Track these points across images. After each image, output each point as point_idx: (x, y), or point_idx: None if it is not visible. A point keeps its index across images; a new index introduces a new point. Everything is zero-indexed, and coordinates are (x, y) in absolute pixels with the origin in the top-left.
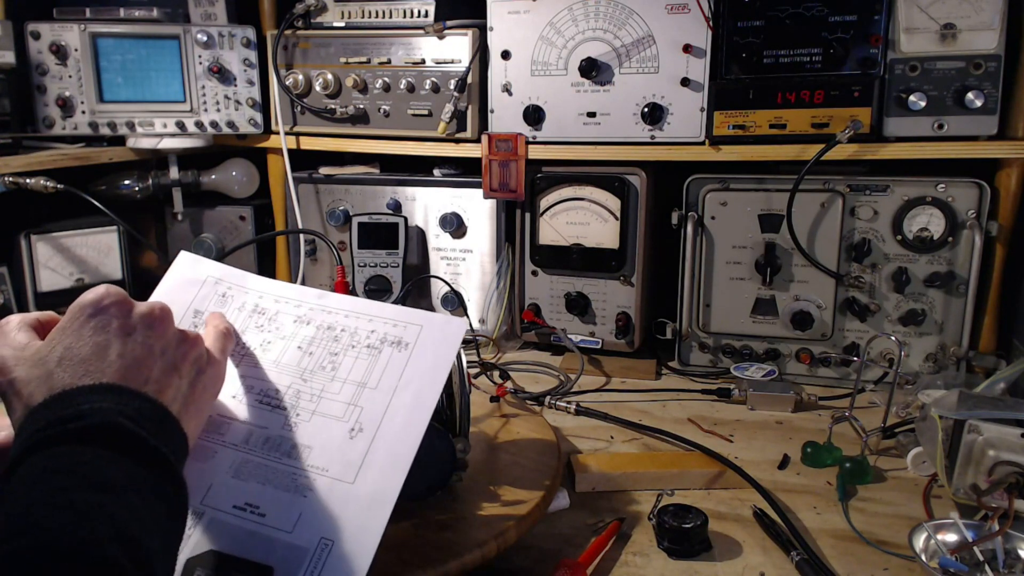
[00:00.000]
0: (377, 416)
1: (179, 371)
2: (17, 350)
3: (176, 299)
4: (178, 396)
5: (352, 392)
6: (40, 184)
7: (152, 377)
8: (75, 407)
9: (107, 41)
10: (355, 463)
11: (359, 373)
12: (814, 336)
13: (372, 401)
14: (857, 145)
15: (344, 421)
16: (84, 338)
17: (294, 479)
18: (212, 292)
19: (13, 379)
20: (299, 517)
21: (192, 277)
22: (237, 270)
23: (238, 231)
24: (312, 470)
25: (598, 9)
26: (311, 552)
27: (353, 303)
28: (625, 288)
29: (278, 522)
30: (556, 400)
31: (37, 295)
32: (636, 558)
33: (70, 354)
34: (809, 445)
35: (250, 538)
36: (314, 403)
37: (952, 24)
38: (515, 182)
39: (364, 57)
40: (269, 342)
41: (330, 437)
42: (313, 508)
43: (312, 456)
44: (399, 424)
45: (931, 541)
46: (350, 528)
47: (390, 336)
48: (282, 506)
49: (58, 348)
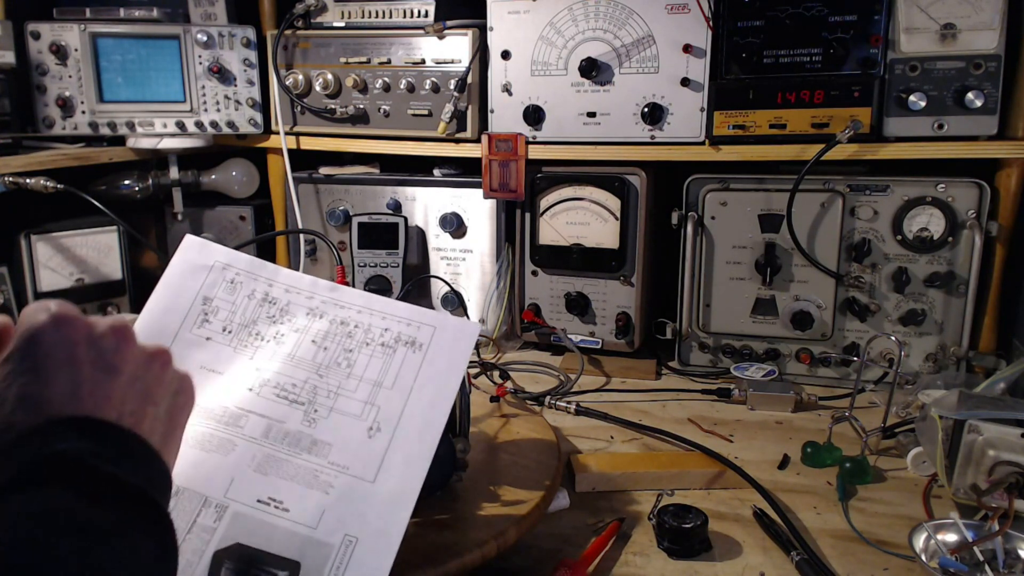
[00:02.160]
0: (394, 416)
1: (153, 398)
2: None
3: (184, 286)
4: (157, 425)
5: (368, 391)
6: (40, 184)
7: (126, 409)
8: (46, 447)
9: (107, 41)
10: (375, 462)
11: (375, 372)
12: (814, 336)
13: (389, 401)
14: (857, 145)
15: (362, 420)
16: (43, 372)
17: (316, 475)
18: (220, 278)
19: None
20: (323, 514)
21: (200, 262)
22: (245, 255)
23: (238, 231)
24: (333, 467)
25: (598, 9)
26: (336, 548)
27: (367, 299)
28: (625, 288)
29: (302, 517)
30: (556, 400)
31: (37, 295)
32: (636, 558)
33: (29, 392)
34: (809, 445)
35: (274, 532)
36: (331, 400)
37: (952, 24)
38: (515, 182)
39: (364, 57)
40: (282, 334)
41: (349, 435)
42: (336, 505)
43: (333, 453)
44: (417, 426)
45: (931, 541)
46: (373, 527)
47: (404, 336)
48: (305, 502)
49: (14, 386)
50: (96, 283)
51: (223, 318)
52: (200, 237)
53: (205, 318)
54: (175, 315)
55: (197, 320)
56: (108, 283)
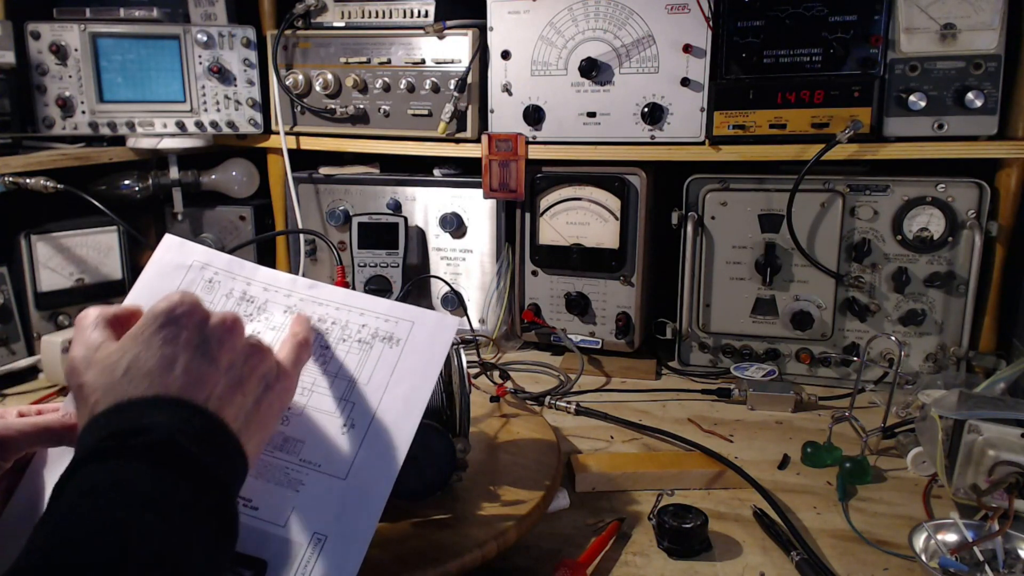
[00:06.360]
0: (369, 412)
1: (243, 388)
2: (90, 350)
3: (162, 285)
4: (240, 414)
5: (343, 387)
6: (40, 184)
7: (215, 393)
8: (134, 420)
9: (107, 41)
10: (347, 459)
11: (350, 368)
12: (814, 336)
13: (363, 397)
14: (857, 145)
15: (335, 416)
16: (152, 348)
17: (287, 473)
18: (198, 277)
19: (83, 383)
20: (292, 511)
21: (178, 262)
22: (224, 255)
23: (238, 231)
24: (304, 464)
25: (598, 9)
26: (304, 547)
27: (345, 296)
28: (625, 288)
29: (271, 515)
30: (556, 400)
31: (37, 295)
32: (636, 558)
33: (136, 364)
34: (809, 445)
35: (242, 531)
36: (305, 397)
37: (952, 24)
38: (515, 182)
39: (364, 57)
40: (259, 332)
41: (322, 432)
42: (306, 503)
43: (304, 450)
44: (391, 421)
45: (931, 541)
46: (343, 524)
47: (381, 331)
48: (275, 500)
49: (127, 356)
50: (96, 283)
51: None
52: (198, 239)
53: None
54: None
55: None
56: (108, 283)
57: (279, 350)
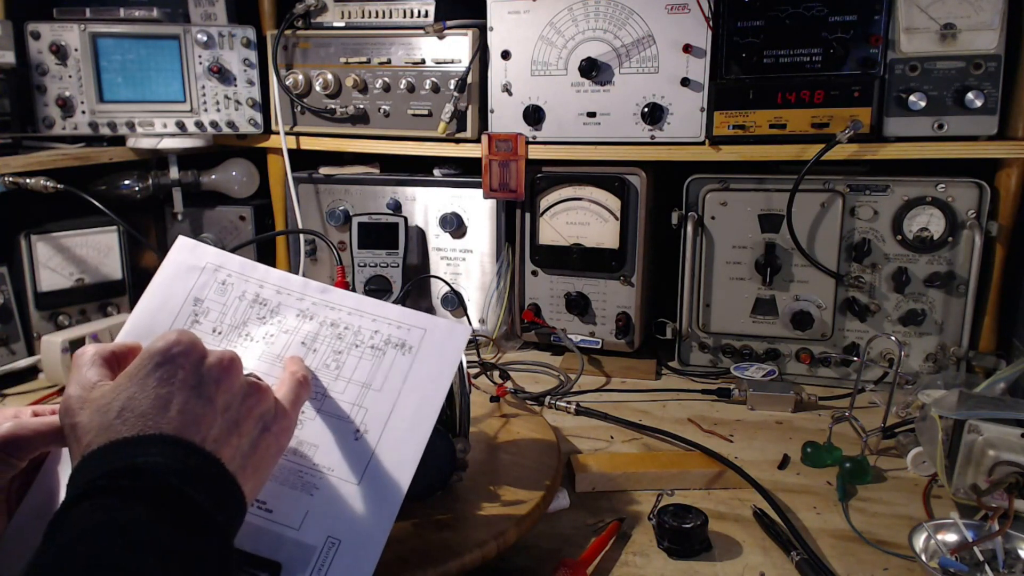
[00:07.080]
0: (382, 419)
1: (240, 428)
2: (85, 390)
3: (175, 287)
4: (237, 454)
5: (356, 392)
6: (40, 184)
7: (211, 435)
8: (128, 459)
9: (107, 41)
10: (360, 464)
11: (363, 374)
12: (814, 336)
13: (376, 403)
14: (857, 145)
15: (349, 421)
16: (147, 389)
17: (300, 476)
18: (212, 279)
19: (76, 423)
20: (306, 515)
21: (191, 263)
22: (237, 257)
23: (238, 231)
24: (318, 468)
25: (598, 9)
26: (318, 550)
27: (357, 301)
28: (625, 288)
29: (285, 519)
30: (556, 400)
31: (37, 295)
32: (636, 558)
33: (131, 405)
34: (809, 445)
35: (257, 533)
36: (319, 401)
37: (952, 24)
38: (515, 182)
39: (364, 57)
40: (272, 335)
41: (336, 436)
42: (320, 507)
43: (318, 455)
44: (404, 428)
45: (931, 541)
46: (356, 529)
47: (394, 338)
48: (289, 503)
49: (121, 396)
50: (96, 283)
51: (213, 319)
52: (198, 238)
53: (195, 319)
54: (165, 316)
55: (187, 321)
56: (108, 283)
57: (278, 389)
